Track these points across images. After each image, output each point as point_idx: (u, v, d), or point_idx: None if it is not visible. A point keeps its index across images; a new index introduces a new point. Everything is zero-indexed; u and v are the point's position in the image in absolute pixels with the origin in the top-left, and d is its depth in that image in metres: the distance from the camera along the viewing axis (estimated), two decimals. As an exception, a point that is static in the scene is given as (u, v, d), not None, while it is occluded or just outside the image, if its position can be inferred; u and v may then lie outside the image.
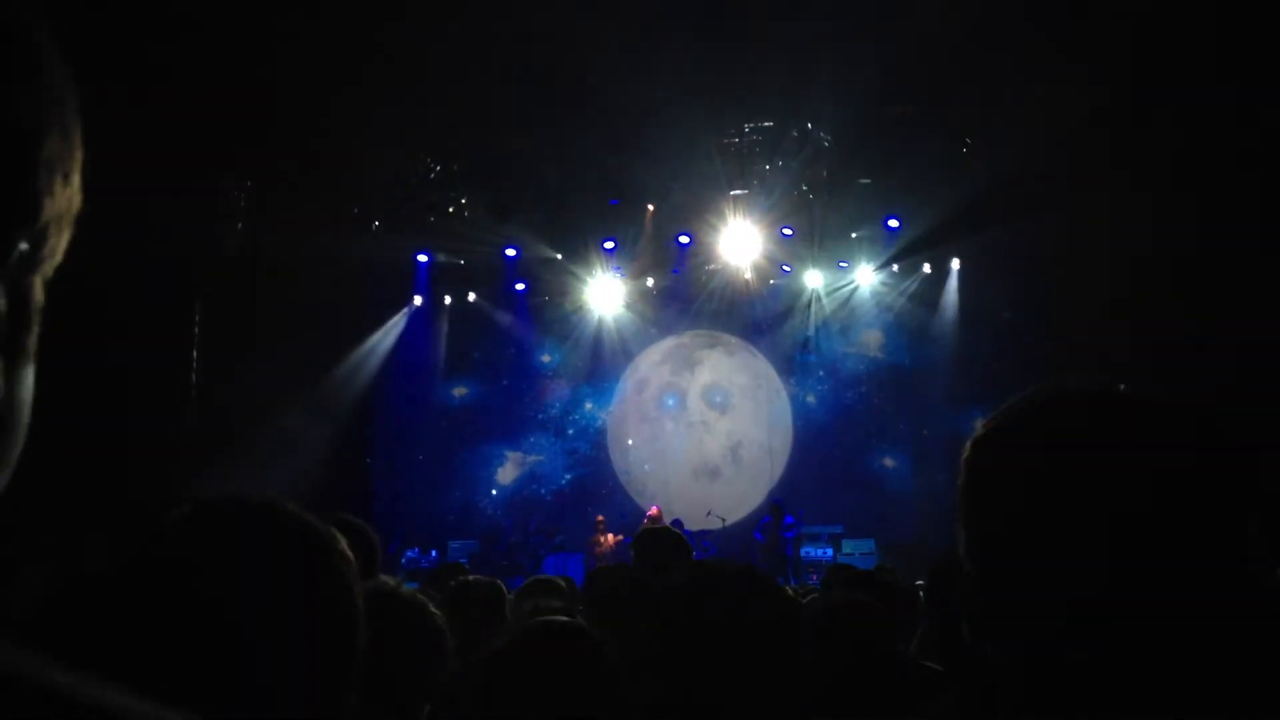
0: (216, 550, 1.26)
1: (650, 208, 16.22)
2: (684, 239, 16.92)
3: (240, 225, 14.32)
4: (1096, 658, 1.12)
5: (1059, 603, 1.14)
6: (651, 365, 19.19)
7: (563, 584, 5.14)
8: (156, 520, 1.28)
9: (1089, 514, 1.14)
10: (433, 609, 2.53)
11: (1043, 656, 1.16)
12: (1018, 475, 1.21)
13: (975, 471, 1.25)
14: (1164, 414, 1.20)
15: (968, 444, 1.28)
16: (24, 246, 0.76)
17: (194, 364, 13.73)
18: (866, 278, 17.77)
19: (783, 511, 15.65)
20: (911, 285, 17.50)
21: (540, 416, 18.98)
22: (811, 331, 18.47)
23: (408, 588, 2.52)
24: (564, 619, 2.31)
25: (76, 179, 0.81)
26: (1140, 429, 1.18)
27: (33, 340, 0.77)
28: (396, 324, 18.25)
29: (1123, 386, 1.23)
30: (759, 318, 18.59)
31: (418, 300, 18.09)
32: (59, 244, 0.83)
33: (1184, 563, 1.11)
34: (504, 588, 4.52)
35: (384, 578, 2.51)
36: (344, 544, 1.36)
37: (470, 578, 4.57)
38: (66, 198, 0.83)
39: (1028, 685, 1.18)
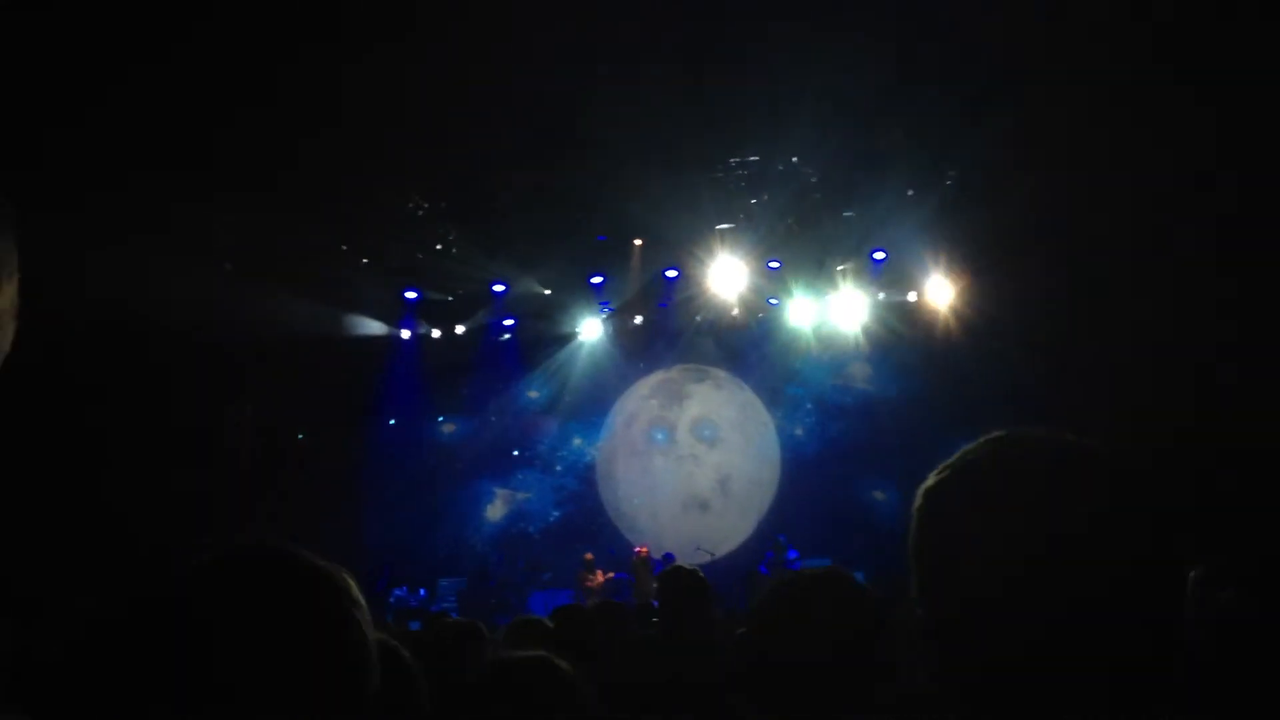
0: (237, 600, 1.27)
1: (637, 242, 16.27)
2: (671, 273, 16.97)
3: (229, 265, 14.30)
4: (1030, 697, 1.17)
5: (1000, 645, 1.18)
6: (640, 400, 19.19)
7: (549, 624, 5.12)
8: (176, 568, 1.29)
9: (1029, 560, 1.18)
10: (403, 651, 2.52)
11: (984, 692, 1.20)
12: (962, 523, 1.25)
13: (924, 518, 1.31)
14: (1102, 465, 1.25)
15: (919, 492, 1.33)
16: None
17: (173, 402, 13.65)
18: (853, 310, 17.81)
19: (785, 546, 15.65)
20: (897, 315, 17.53)
21: (528, 453, 18.93)
22: (799, 364, 18.50)
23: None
24: (530, 654, 2.31)
25: (15, 281, 0.83)
26: (1081, 480, 1.23)
27: None
28: (384, 359, 18.21)
29: (1069, 436, 1.29)
30: (746, 351, 18.62)
31: (405, 334, 18.05)
32: (6, 340, 0.85)
33: (1117, 608, 1.16)
34: (483, 628, 4.50)
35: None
36: (356, 590, 1.36)
37: (449, 620, 4.57)
38: (10, 296, 0.85)
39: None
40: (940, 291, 16.55)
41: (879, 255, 16.49)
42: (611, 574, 15.87)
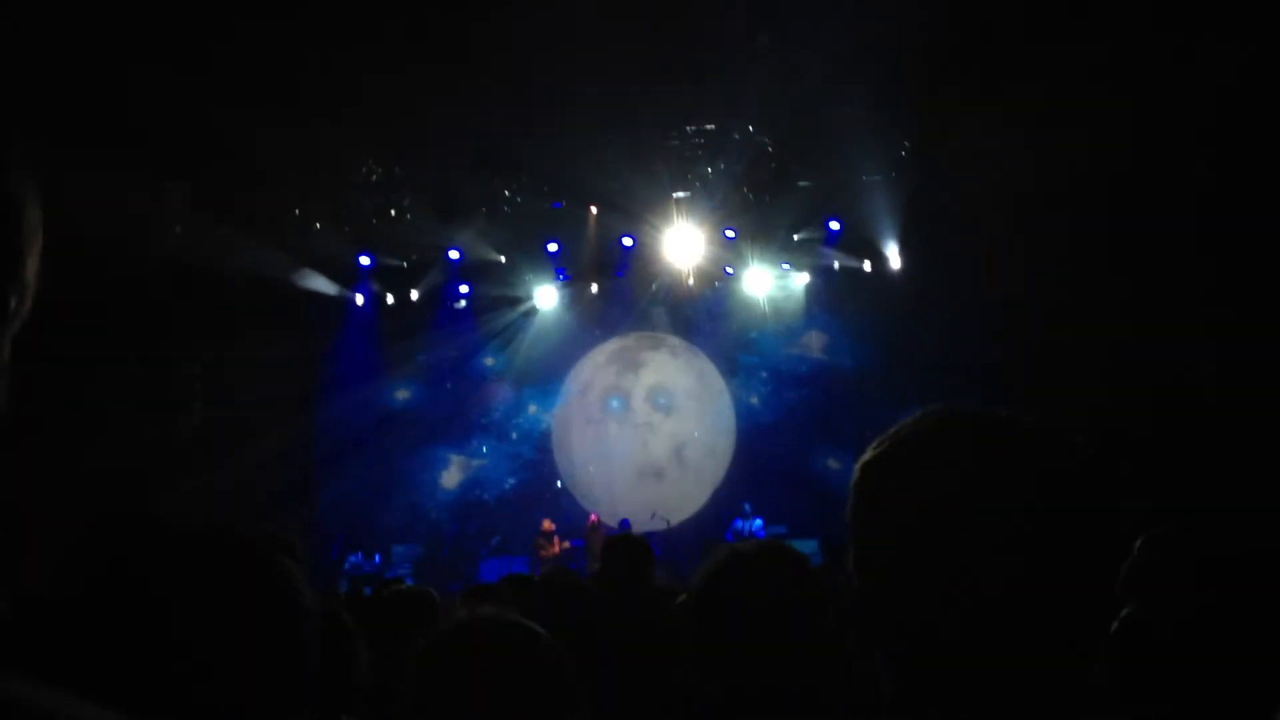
0: (169, 577, 1.25)
1: (593, 210, 16.23)
2: (627, 241, 16.94)
3: (179, 228, 14.12)
4: (958, 673, 1.18)
5: (928, 619, 1.20)
6: (595, 368, 19.19)
7: (504, 590, 5.12)
8: (106, 542, 1.27)
9: (962, 536, 1.20)
10: (344, 615, 2.51)
11: (914, 667, 1.22)
12: (897, 497, 1.27)
13: (861, 493, 1.32)
14: (1038, 439, 1.26)
15: (856, 466, 1.35)
16: (12, 302, 0.77)
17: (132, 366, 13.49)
18: (808, 279, 17.91)
19: (751, 517, 15.76)
20: (852, 286, 17.62)
21: (483, 420, 18.89)
22: (754, 333, 18.57)
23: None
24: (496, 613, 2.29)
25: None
26: (1013, 454, 1.24)
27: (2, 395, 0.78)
28: (338, 325, 18.09)
29: (1004, 411, 1.30)
30: (702, 319, 18.65)
31: (359, 299, 17.92)
32: (26, 307, 0.84)
33: (1050, 586, 1.17)
34: (434, 596, 4.50)
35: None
36: (293, 567, 1.35)
37: (401, 587, 4.57)
38: (35, 264, 0.84)
39: (899, 693, 1.24)
40: (895, 261, 16.66)
41: (834, 225, 16.55)
42: (568, 543, 15.93)
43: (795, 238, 17.10)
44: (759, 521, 15.77)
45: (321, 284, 17.21)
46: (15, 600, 1.24)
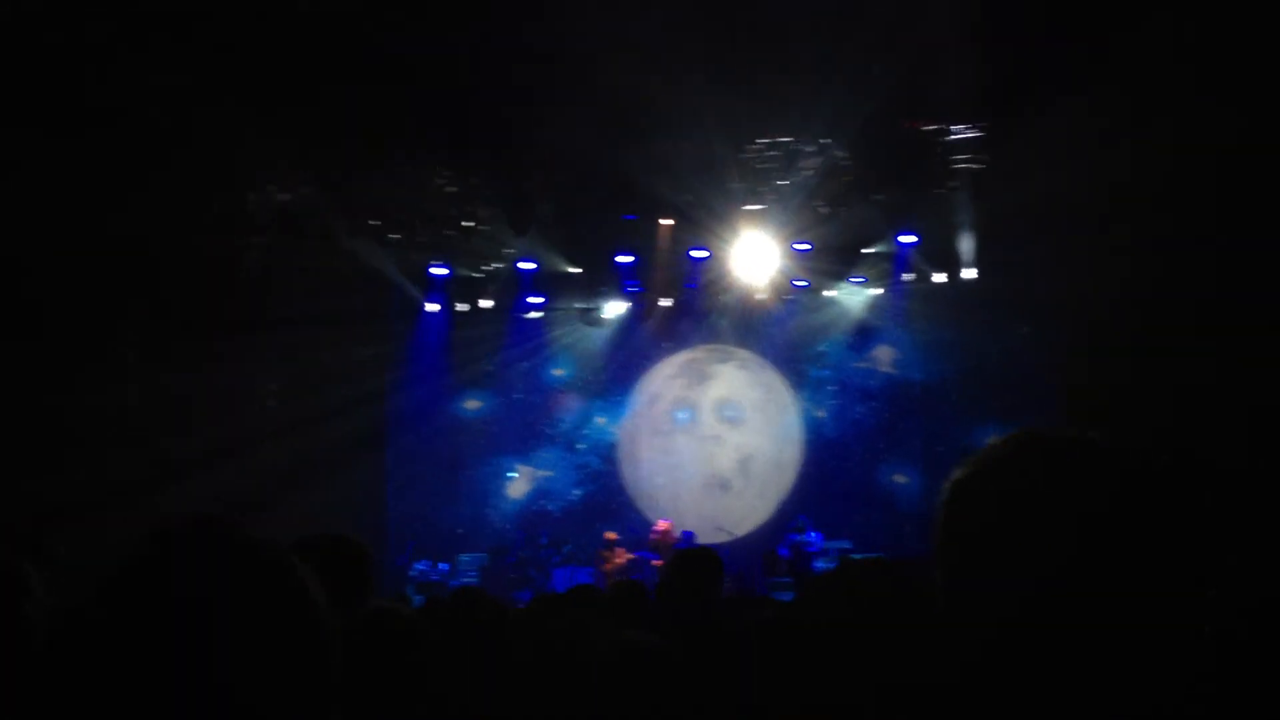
0: (170, 581, 1.26)
1: (665, 222, 16.24)
2: (699, 254, 16.93)
3: (263, 238, 14.39)
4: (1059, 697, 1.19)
5: (1022, 643, 1.22)
6: (664, 379, 19.20)
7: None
8: (131, 550, 1.29)
9: (1055, 561, 1.21)
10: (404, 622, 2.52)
11: (1006, 692, 1.23)
12: (988, 520, 1.29)
13: (950, 513, 1.34)
14: (1129, 467, 1.26)
15: (945, 486, 1.37)
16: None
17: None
18: (880, 293, 17.79)
19: (806, 528, 15.68)
20: (925, 300, 17.46)
21: (551, 431, 18.98)
22: (824, 346, 18.49)
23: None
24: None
25: None
26: (1102, 480, 1.25)
27: None
28: (412, 334, 18.30)
29: (1093, 435, 1.31)
30: (772, 332, 18.59)
31: (432, 307, 18.09)
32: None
33: (1144, 611, 1.19)
34: (479, 594, 4.48)
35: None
36: (299, 565, 1.34)
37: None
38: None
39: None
40: (968, 274, 16.47)
41: (907, 239, 16.42)
42: (633, 555, 15.93)
43: (867, 251, 16.97)
44: (816, 535, 15.67)
45: (397, 292, 17.40)
46: (72, 599, 1.27)
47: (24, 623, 1.33)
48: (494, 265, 17.59)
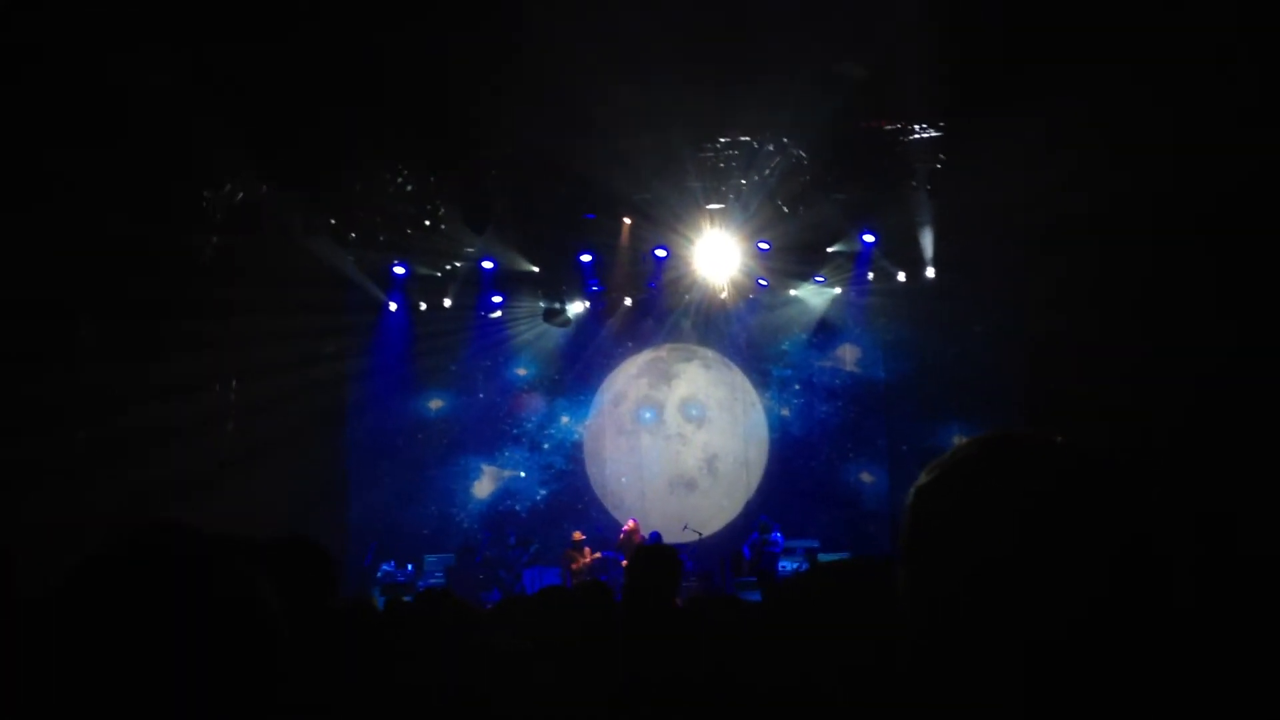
0: (121, 584, 1.26)
1: (626, 221, 16.24)
2: (660, 252, 16.94)
3: (215, 238, 14.26)
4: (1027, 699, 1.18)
5: (987, 646, 1.21)
6: (628, 379, 19.20)
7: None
8: (119, 550, 1.29)
9: (1021, 564, 1.20)
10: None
11: (972, 694, 1.23)
12: (954, 524, 1.28)
13: (916, 517, 1.33)
14: (1095, 468, 1.26)
15: (911, 490, 1.35)
16: None
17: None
18: (842, 291, 17.87)
19: (769, 528, 15.70)
20: (886, 299, 17.55)
21: (515, 430, 18.94)
22: (787, 345, 18.55)
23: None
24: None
25: None
26: (1071, 483, 1.25)
27: None
28: (371, 334, 18.21)
29: (1059, 438, 1.30)
30: (735, 331, 18.63)
31: (393, 306, 18.01)
32: None
33: (1111, 614, 1.18)
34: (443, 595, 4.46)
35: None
36: (251, 570, 1.35)
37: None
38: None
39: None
40: (929, 273, 16.57)
41: (869, 238, 16.50)
42: (599, 554, 15.93)
43: (829, 250, 17.04)
44: (778, 535, 15.70)
45: (357, 291, 17.31)
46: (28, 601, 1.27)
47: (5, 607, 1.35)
48: (455, 264, 17.53)
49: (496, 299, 18.30)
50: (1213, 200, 11.16)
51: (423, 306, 18.32)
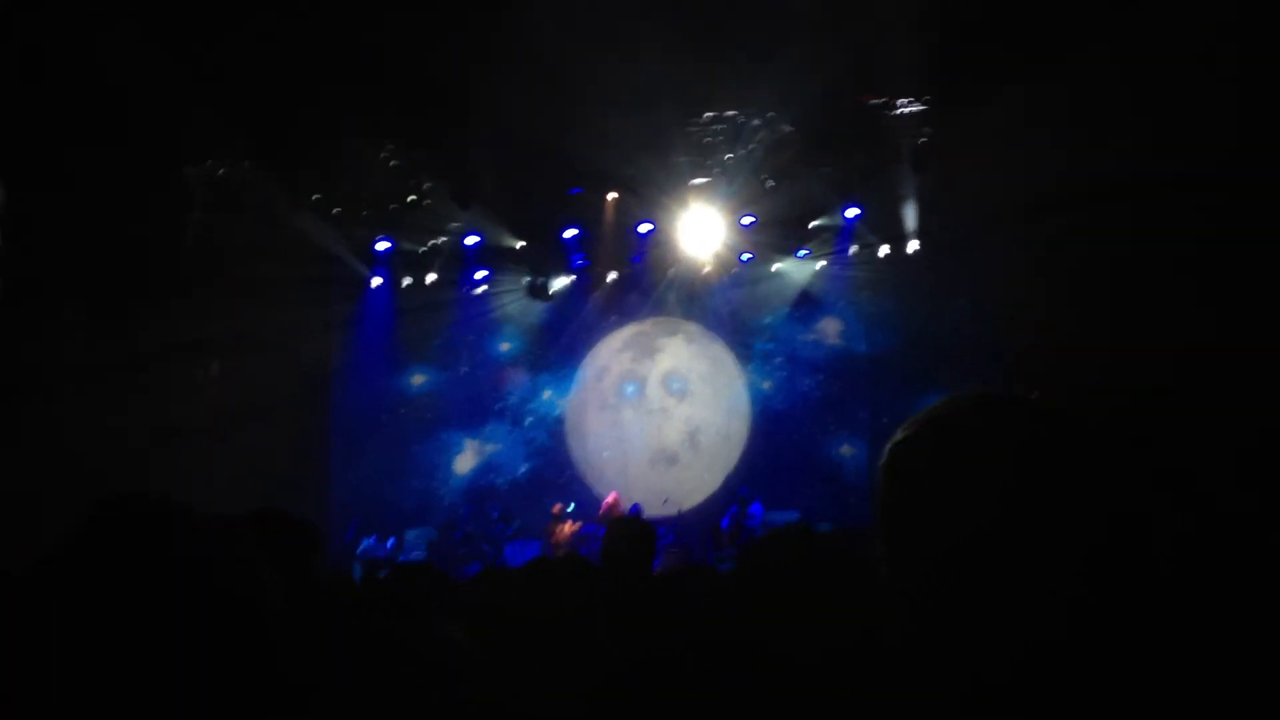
0: (107, 555, 1.25)
1: (610, 196, 16.19)
2: (645, 227, 16.89)
3: (197, 214, 14.16)
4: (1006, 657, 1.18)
5: (965, 604, 1.21)
6: (611, 353, 19.17)
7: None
8: (101, 525, 1.27)
9: (997, 519, 1.20)
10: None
11: (953, 650, 1.23)
12: (929, 481, 1.27)
13: (891, 475, 1.33)
14: (1069, 424, 1.25)
15: (886, 449, 1.35)
16: None
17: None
18: (825, 265, 17.86)
19: (748, 501, 15.72)
20: (870, 272, 17.55)
21: (498, 405, 18.91)
22: (769, 319, 18.55)
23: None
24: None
25: None
26: (1042, 439, 1.25)
27: None
28: (354, 309, 18.14)
29: (1034, 394, 1.31)
30: (718, 305, 18.61)
31: (376, 281, 17.93)
32: None
33: (1088, 568, 1.18)
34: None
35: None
36: (245, 543, 1.34)
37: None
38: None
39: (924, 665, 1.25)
40: (911, 247, 16.57)
41: (852, 211, 16.49)
42: (579, 525, 15.94)
43: (813, 224, 17.03)
44: (757, 508, 15.74)
45: (340, 267, 17.22)
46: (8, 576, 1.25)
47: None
48: (439, 239, 17.46)
49: (480, 274, 18.22)
50: (1194, 175, 11.20)
51: (406, 282, 18.22)
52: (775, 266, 18.15)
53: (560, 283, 18.35)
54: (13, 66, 9.80)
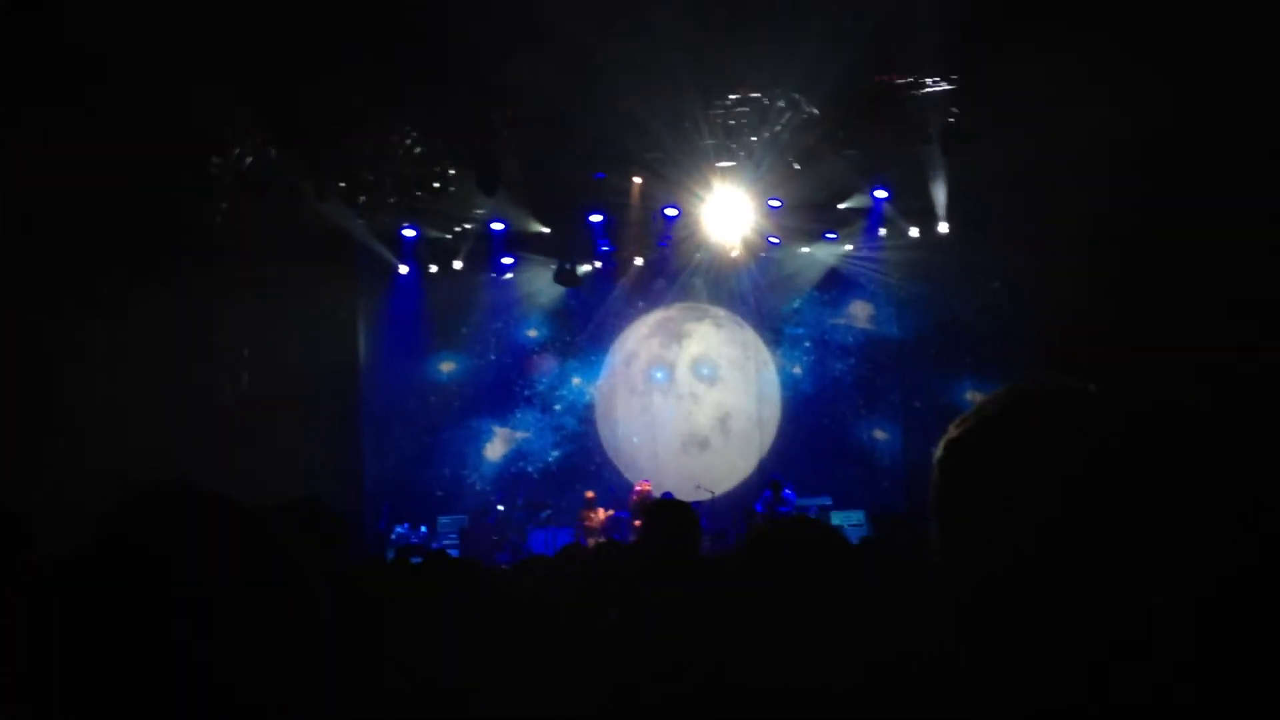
0: (143, 542, 1.22)
1: (636, 180, 16.12)
2: (671, 211, 16.83)
3: (225, 204, 14.19)
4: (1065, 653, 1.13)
5: (1025, 597, 1.15)
6: (639, 339, 19.16)
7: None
8: (134, 513, 1.25)
9: (1057, 514, 1.14)
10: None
11: (1008, 649, 1.17)
12: (981, 476, 1.22)
13: (945, 471, 1.27)
14: (1129, 417, 1.19)
15: (940, 444, 1.29)
16: None
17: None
18: (854, 248, 17.76)
19: (781, 486, 15.70)
20: (899, 255, 17.43)
21: (527, 392, 18.94)
22: (798, 303, 18.48)
23: None
24: None
25: None
26: (1103, 434, 1.18)
27: None
28: (383, 297, 18.19)
29: (1091, 387, 1.24)
30: (746, 290, 18.56)
31: (403, 269, 17.96)
32: None
33: (1150, 561, 1.11)
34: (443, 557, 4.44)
35: None
36: (283, 531, 1.31)
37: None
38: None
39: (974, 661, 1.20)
40: (942, 228, 16.43)
41: (881, 193, 16.37)
42: (612, 511, 15.96)
43: (841, 206, 16.91)
44: (790, 493, 15.71)
45: (367, 255, 17.26)
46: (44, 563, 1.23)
47: (27, 571, 1.31)
48: (464, 226, 17.46)
49: (507, 260, 18.23)
50: (1228, 148, 11.03)
51: (433, 269, 18.24)
52: (803, 250, 18.07)
53: (585, 268, 18.32)
54: (35, 51, 9.83)
